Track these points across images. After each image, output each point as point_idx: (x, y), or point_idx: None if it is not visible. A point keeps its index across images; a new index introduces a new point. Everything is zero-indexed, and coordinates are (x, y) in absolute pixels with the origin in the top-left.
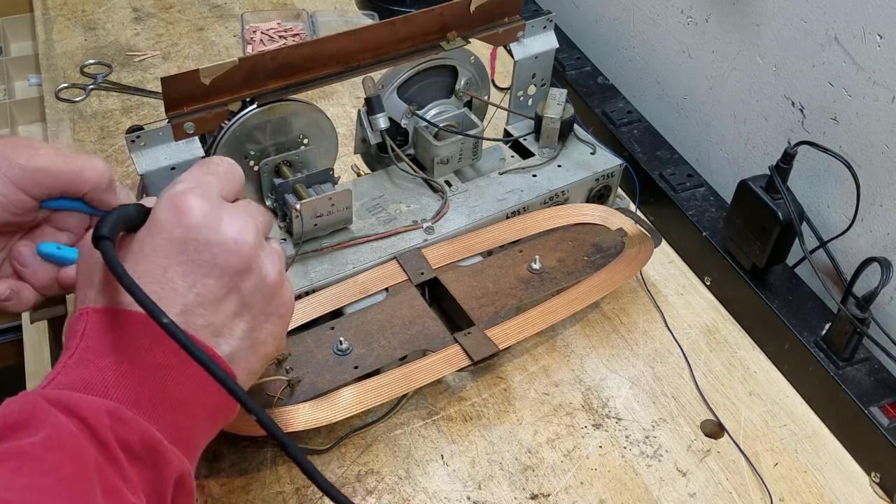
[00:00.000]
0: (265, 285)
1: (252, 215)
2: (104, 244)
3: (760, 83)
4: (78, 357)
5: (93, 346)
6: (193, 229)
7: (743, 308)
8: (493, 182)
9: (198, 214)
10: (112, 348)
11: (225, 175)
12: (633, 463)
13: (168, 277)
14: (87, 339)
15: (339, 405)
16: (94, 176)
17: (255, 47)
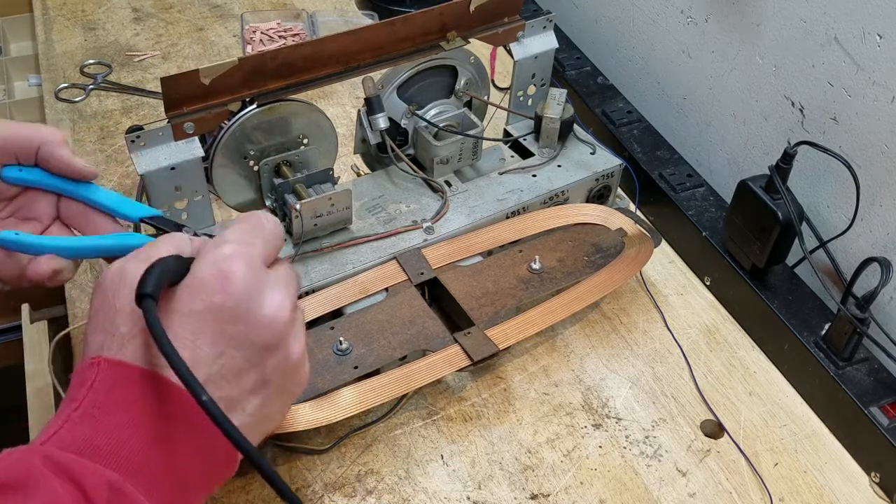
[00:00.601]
0: (288, 364)
1: (289, 286)
2: (147, 303)
3: (760, 83)
4: (83, 412)
5: (101, 403)
6: (234, 298)
7: (743, 308)
8: (492, 182)
9: (241, 284)
10: (121, 407)
11: (270, 237)
12: (632, 463)
13: (198, 344)
14: (96, 392)
15: (339, 405)
16: (48, 131)
17: (255, 47)
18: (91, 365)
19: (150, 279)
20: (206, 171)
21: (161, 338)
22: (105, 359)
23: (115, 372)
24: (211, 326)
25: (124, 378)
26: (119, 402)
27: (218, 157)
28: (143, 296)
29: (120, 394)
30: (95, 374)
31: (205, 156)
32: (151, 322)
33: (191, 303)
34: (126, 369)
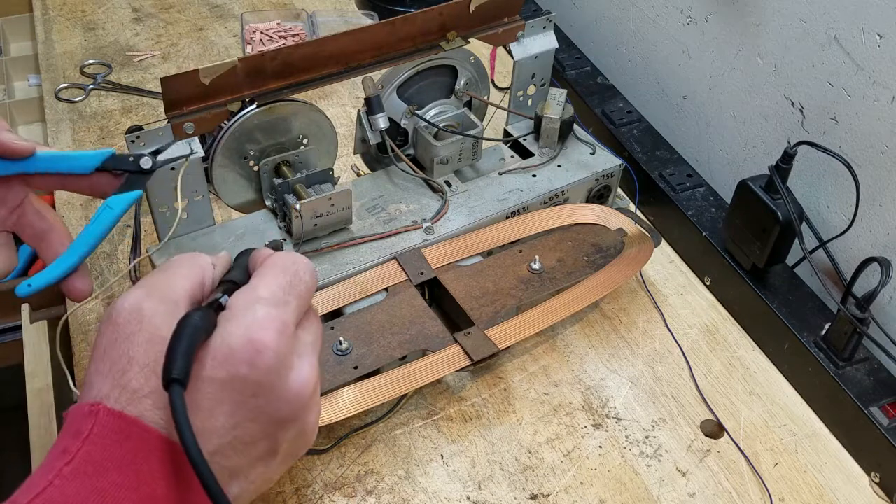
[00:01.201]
0: (301, 435)
1: (315, 350)
2: (175, 391)
3: (760, 83)
4: (75, 467)
5: (95, 458)
6: (261, 372)
7: (743, 308)
8: (492, 182)
9: (271, 358)
10: (116, 466)
11: (306, 293)
12: (632, 463)
13: (214, 413)
14: (91, 445)
15: (339, 405)
16: None
17: (255, 47)
18: (89, 413)
19: (178, 358)
20: (206, 171)
21: (183, 428)
22: (105, 408)
23: (114, 424)
24: (231, 397)
25: (123, 433)
26: (116, 459)
27: (218, 157)
28: (172, 381)
29: (118, 450)
30: (93, 424)
31: (205, 156)
32: (178, 413)
33: (214, 370)
34: (126, 424)
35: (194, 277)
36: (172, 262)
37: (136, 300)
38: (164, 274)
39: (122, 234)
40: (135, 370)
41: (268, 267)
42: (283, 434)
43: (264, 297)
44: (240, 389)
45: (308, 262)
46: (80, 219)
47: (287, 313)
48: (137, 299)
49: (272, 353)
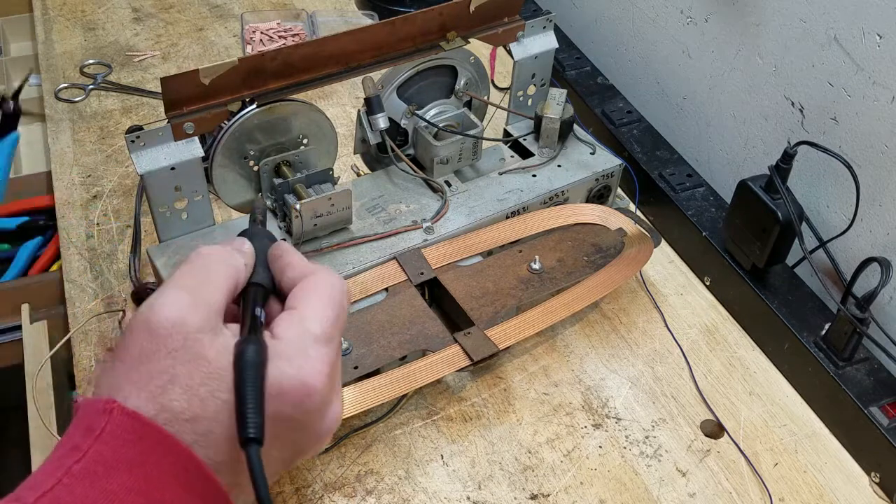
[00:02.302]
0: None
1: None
2: (252, 450)
3: (760, 83)
4: (85, 466)
5: (106, 459)
6: (306, 413)
7: (743, 308)
8: (492, 182)
9: (318, 401)
10: (126, 468)
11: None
12: (632, 463)
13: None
14: (103, 444)
15: None
16: None
17: (255, 47)
18: (103, 411)
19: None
20: (206, 171)
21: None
22: (120, 407)
23: (128, 425)
24: (271, 431)
25: (137, 434)
26: (127, 461)
27: (218, 157)
28: (249, 440)
29: (130, 452)
30: (106, 422)
31: (205, 156)
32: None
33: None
34: (141, 425)
35: (230, 283)
36: (208, 259)
37: (179, 312)
38: (204, 276)
39: (122, 234)
40: (177, 391)
41: (315, 293)
42: (300, 457)
43: (316, 333)
44: (282, 424)
45: (346, 286)
46: (80, 218)
47: (334, 351)
48: (181, 311)
49: (319, 396)
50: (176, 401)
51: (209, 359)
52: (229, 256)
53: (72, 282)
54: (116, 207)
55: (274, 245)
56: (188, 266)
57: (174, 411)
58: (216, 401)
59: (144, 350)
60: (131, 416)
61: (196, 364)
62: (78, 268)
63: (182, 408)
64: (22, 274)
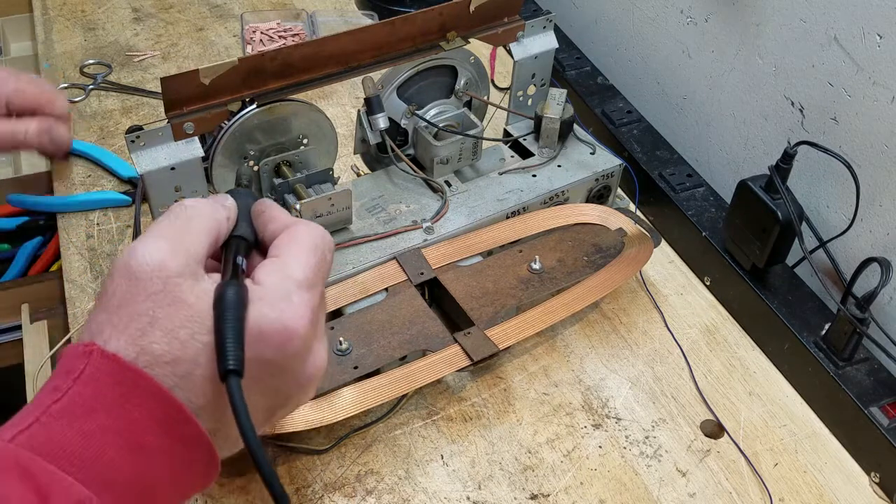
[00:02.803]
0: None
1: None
2: (233, 381)
3: (760, 83)
4: (63, 406)
5: (84, 400)
6: (287, 357)
7: (743, 308)
8: (492, 182)
9: (299, 344)
10: (105, 409)
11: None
12: (632, 463)
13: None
14: (82, 385)
15: (339, 405)
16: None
17: (255, 47)
18: (83, 353)
19: (232, 347)
20: (206, 171)
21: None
22: (99, 349)
23: (108, 367)
24: (250, 373)
25: (117, 377)
26: (106, 402)
27: (218, 157)
28: (229, 372)
29: (109, 393)
30: (85, 364)
31: (205, 156)
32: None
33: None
34: (120, 368)
35: (212, 235)
36: (190, 210)
37: (160, 256)
38: (185, 225)
39: (122, 234)
40: (157, 334)
41: (297, 242)
42: (285, 407)
43: (298, 279)
44: (261, 369)
45: (331, 237)
46: (80, 218)
47: (316, 298)
48: (161, 255)
49: (301, 341)
50: (156, 343)
51: (189, 302)
52: (212, 209)
53: (72, 282)
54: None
55: (258, 201)
56: (170, 216)
57: (154, 354)
58: (196, 343)
59: (124, 294)
60: (111, 358)
61: (176, 307)
62: (78, 268)
63: (162, 350)
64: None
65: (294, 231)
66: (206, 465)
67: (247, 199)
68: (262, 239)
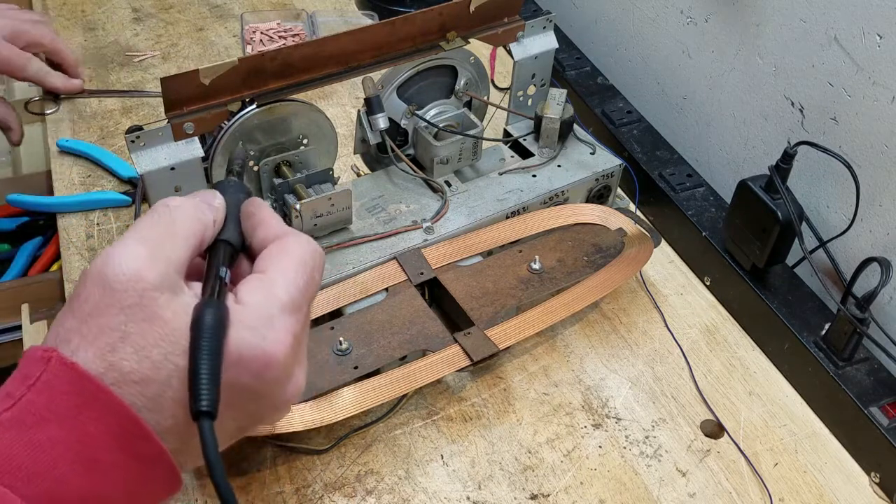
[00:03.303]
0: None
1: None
2: (205, 424)
3: (760, 83)
4: (13, 415)
5: (38, 409)
6: (265, 384)
7: (743, 308)
8: (492, 182)
9: (279, 372)
10: (58, 420)
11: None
12: (632, 463)
13: None
14: (36, 394)
15: (339, 405)
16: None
17: (255, 47)
18: (41, 359)
19: (206, 387)
20: (205, 171)
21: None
22: (58, 356)
23: (66, 375)
24: (227, 398)
25: (74, 387)
26: (59, 412)
27: (218, 157)
28: (201, 413)
29: (63, 403)
30: (42, 371)
31: (205, 156)
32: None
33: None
34: (79, 377)
35: (196, 239)
36: (174, 212)
37: (137, 265)
38: (167, 229)
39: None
40: (128, 351)
41: (285, 258)
42: (255, 426)
43: (283, 301)
44: (238, 393)
45: (322, 254)
46: (80, 218)
47: (300, 322)
48: (139, 264)
49: (281, 368)
50: (126, 360)
51: (165, 319)
52: (197, 210)
53: (72, 282)
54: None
55: (247, 201)
56: (152, 217)
57: (123, 371)
58: (169, 364)
59: (97, 303)
60: (70, 367)
61: (150, 324)
62: (78, 268)
63: (132, 368)
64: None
65: (284, 245)
66: (166, 482)
67: (237, 195)
68: (249, 243)
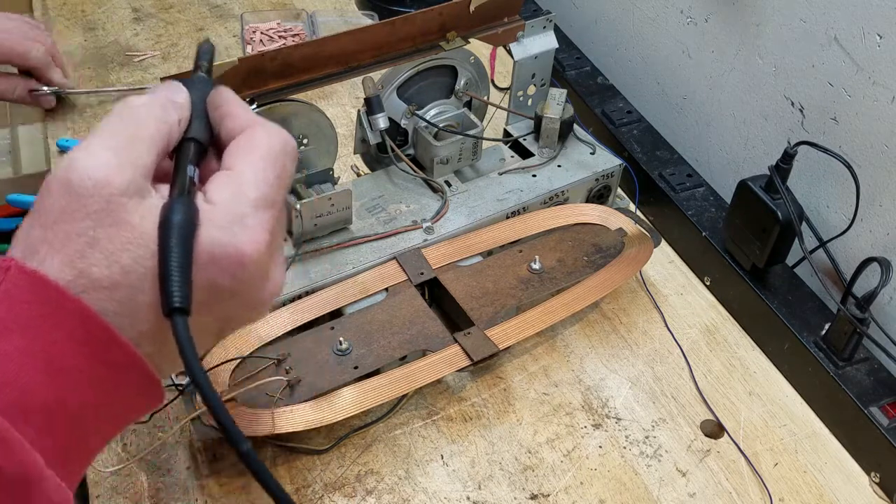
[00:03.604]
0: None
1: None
2: (178, 321)
3: (760, 83)
4: None
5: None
6: (241, 283)
7: (743, 308)
8: (492, 182)
9: (254, 271)
10: (20, 329)
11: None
12: (632, 463)
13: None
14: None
15: (339, 405)
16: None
17: (255, 47)
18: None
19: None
20: None
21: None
22: (17, 265)
23: (26, 284)
24: (202, 298)
25: (36, 295)
26: (22, 322)
27: None
28: (175, 310)
29: (26, 313)
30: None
31: None
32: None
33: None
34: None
35: (161, 142)
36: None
37: (103, 171)
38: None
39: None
40: (97, 256)
41: (253, 151)
42: (235, 327)
43: (253, 197)
44: (214, 294)
45: (293, 142)
46: None
47: (273, 218)
48: (105, 171)
49: (255, 266)
50: (95, 266)
51: (133, 224)
52: (161, 111)
53: None
54: None
55: (213, 92)
56: (115, 120)
57: (92, 277)
58: (139, 268)
59: (63, 210)
60: (29, 275)
61: (119, 228)
62: None
63: (101, 274)
64: None
65: (251, 137)
66: (144, 389)
67: (203, 88)
68: (217, 138)
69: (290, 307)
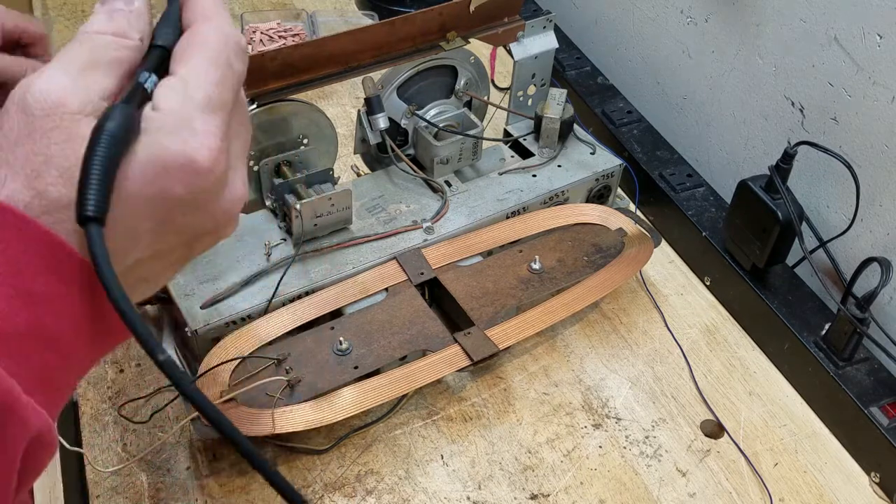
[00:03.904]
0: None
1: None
2: (93, 230)
3: (760, 83)
4: None
5: None
6: (197, 192)
7: (743, 308)
8: (492, 182)
9: (210, 179)
10: None
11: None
12: (632, 463)
13: (138, 231)
14: None
15: (339, 405)
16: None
17: (255, 47)
18: None
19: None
20: None
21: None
22: None
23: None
24: (158, 214)
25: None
26: None
27: None
28: (87, 219)
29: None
30: None
31: None
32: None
33: (143, 187)
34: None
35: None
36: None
37: (58, 94)
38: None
39: None
40: (52, 173)
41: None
42: (201, 244)
43: (198, 101)
44: (169, 208)
45: (238, 37)
46: None
47: (224, 120)
48: (60, 93)
49: (210, 173)
50: (52, 186)
51: (86, 136)
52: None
53: None
54: None
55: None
56: (73, 47)
57: (50, 198)
58: None
59: (20, 131)
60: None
61: (72, 143)
62: None
63: (59, 193)
64: None
65: (192, 38)
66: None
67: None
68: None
69: (290, 307)
